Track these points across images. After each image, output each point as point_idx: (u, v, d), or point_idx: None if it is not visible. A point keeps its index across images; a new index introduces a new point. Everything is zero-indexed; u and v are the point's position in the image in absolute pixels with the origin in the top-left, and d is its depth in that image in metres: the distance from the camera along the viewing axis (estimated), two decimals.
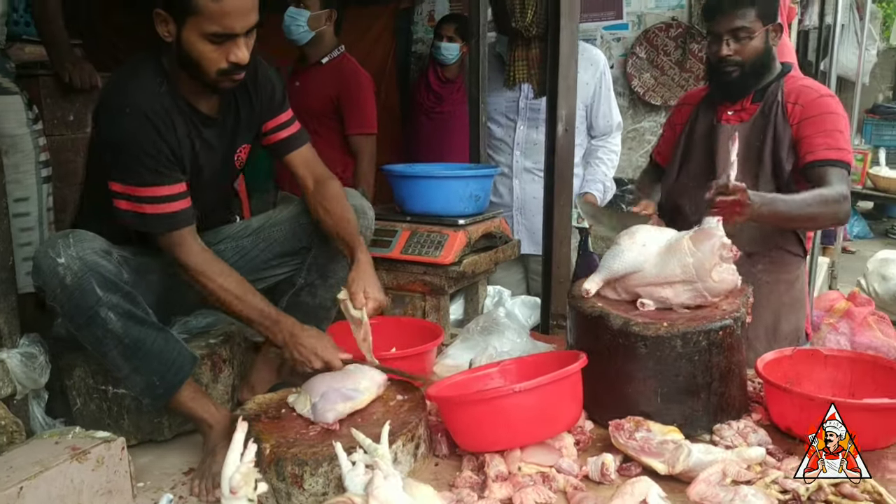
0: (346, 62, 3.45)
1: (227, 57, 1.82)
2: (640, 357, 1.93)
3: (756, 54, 2.35)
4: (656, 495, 1.52)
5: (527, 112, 3.36)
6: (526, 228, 3.44)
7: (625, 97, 4.76)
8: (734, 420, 1.97)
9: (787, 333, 2.52)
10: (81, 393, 2.08)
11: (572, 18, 2.66)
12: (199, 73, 1.85)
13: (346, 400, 1.87)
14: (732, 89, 2.42)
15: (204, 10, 1.75)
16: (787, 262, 2.50)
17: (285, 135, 2.18)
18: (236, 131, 2.09)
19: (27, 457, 1.66)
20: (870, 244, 8.21)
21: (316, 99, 3.37)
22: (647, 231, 2.15)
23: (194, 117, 1.97)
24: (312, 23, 3.31)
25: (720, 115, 2.49)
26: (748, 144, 2.39)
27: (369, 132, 3.46)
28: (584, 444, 1.91)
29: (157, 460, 2.01)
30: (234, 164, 2.15)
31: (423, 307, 2.74)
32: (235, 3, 1.77)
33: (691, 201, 2.49)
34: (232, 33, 1.80)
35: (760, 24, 2.32)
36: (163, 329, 1.94)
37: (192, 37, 1.80)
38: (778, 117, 2.37)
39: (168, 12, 1.80)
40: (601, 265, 2.15)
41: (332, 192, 2.16)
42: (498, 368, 2.09)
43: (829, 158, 2.28)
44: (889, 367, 2.07)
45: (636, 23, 4.77)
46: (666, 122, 2.75)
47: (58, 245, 1.81)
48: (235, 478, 1.23)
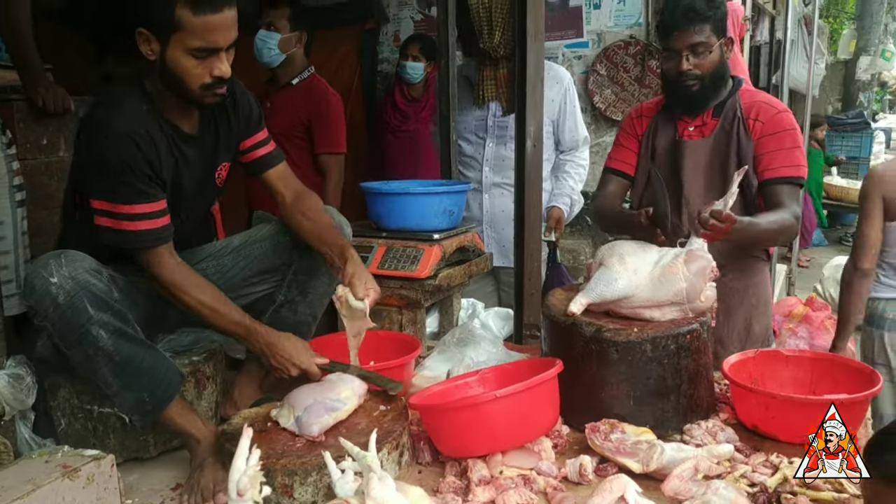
0: (316, 83, 3.51)
1: (210, 72, 1.88)
2: (612, 362, 2.02)
3: (714, 67, 2.43)
4: (633, 491, 1.59)
5: (495, 129, 3.46)
6: (496, 242, 3.52)
7: (587, 113, 4.89)
8: (703, 420, 2.06)
9: (758, 334, 2.63)
10: (66, 413, 2.10)
11: (538, 39, 2.76)
12: (184, 89, 1.90)
13: (329, 411, 1.92)
14: (694, 102, 2.48)
15: (187, 25, 1.82)
16: (754, 267, 2.60)
17: (263, 153, 2.24)
18: (216, 149, 2.14)
19: (18, 476, 1.68)
20: (825, 251, 8.48)
21: (286, 119, 3.43)
22: (635, 253, 2.15)
23: (176, 135, 2.02)
24: (283, 45, 3.38)
25: (681, 131, 2.55)
26: (712, 160, 2.48)
27: (338, 152, 3.51)
28: (562, 447, 1.98)
29: (144, 477, 2.04)
30: (215, 181, 2.19)
31: (400, 320, 2.79)
32: (218, 18, 1.84)
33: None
34: (215, 48, 1.86)
35: (715, 38, 2.40)
36: (151, 346, 1.98)
37: (175, 53, 1.86)
38: (740, 132, 2.45)
39: (151, 31, 1.86)
40: (589, 288, 2.13)
41: (312, 204, 2.23)
42: (477, 377, 2.16)
43: (787, 176, 2.40)
44: (846, 366, 2.19)
45: (596, 41, 4.91)
46: (622, 132, 2.74)
47: (50, 265, 1.84)
48: (243, 480, 1.28)
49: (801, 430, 1.91)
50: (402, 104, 4.51)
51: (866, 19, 11.67)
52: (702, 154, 2.49)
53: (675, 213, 2.49)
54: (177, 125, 2.02)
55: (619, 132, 2.77)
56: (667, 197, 2.35)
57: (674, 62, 2.43)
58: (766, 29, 7.62)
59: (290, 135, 3.43)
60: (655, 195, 2.43)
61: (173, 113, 2.01)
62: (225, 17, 1.85)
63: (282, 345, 2.03)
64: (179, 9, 1.81)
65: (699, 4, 2.37)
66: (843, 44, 11.85)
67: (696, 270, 2.07)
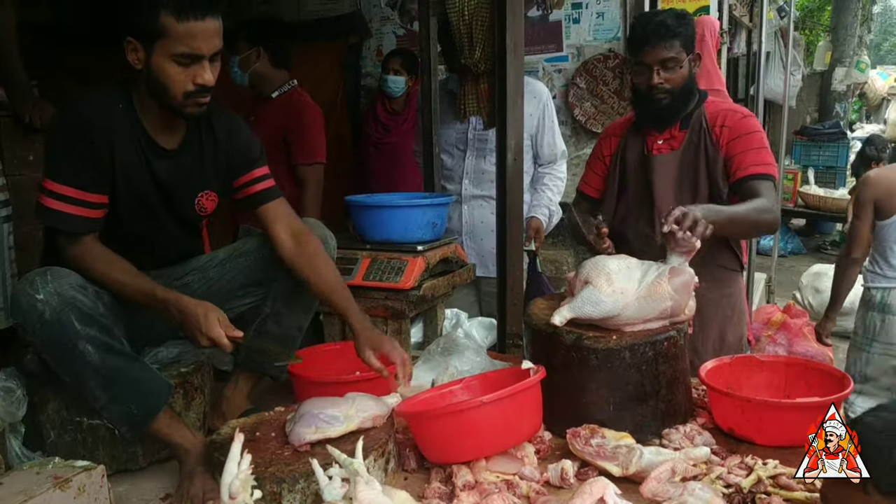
0: (295, 95, 3.57)
1: (193, 79, 1.93)
2: (592, 369, 2.07)
3: (683, 81, 2.50)
4: (612, 493, 1.64)
5: (475, 143, 3.52)
6: (476, 252, 3.58)
7: (567, 125, 4.96)
8: (681, 424, 2.12)
9: (731, 343, 2.69)
10: (56, 425, 2.12)
11: (517, 55, 2.82)
12: (167, 96, 1.95)
13: (318, 425, 1.92)
14: (664, 116, 2.55)
15: (171, 31, 1.87)
16: (726, 278, 2.66)
17: (262, 187, 2.25)
18: (198, 173, 2.16)
19: (10, 487, 1.71)
20: (804, 259, 8.58)
21: (265, 131, 3.46)
22: (621, 272, 2.13)
23: (150, 149, 2.05)
24: (243, 65, 3.47)
25: (650, 146, 2.62)
26: (683, 172, 2.55)
27: (315, 162, 3.54)
28: (544, 453, 2.03)
29: (134, 488, 2.07)
30: (194, 208, 2.20)
31: (385, 331, 2.83)
32: (201, 25, 1.89)
33: (634, 230, 2.63)
34: (199, 54, 1.91)
35: (685, 53, 2.48)
36: (138, 360, 2.01)
37: (160, 60, 1.90)
38: (707, 142, 2.52)
39: (137, 39, 1.91)
40: (576, 305, 2.11)
41: (315, 251, 2.22)
42: (462, 385, 2.20)
43: (759, 173, 2.46)
44: (819, 370, 2.25)
45: (576, 55, 4.98)
46: (592, 154, 2.84)
47: (36, 282, 1.87)
48: (234, 484, 1.32)
49: (775, 432, 1.99)
50: (383, 117, 4.56)
51: (841, 31, 11.88)
52: (672, 167, 2.56)
53: (649, 226, 2.57)
54: (153, 138, 2.05)
55: (590, 156, 2.86)
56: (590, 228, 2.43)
57: (644, 76, 2.49)
58: (743, 41, 7.76)
59: (268, 146, 3.44)
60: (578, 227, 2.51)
61: (153, 126, 2.04)
62: (208, 25, 1.90)
63: (194, 314, 1.95)
64: (163, 16, 1.86)
65: (670, 21, 2.44)
66: (818, 55, 12.05)
67: (680, 287, 2.11)
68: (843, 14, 11.92)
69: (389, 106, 4.53)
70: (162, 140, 2.07)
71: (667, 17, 2.46)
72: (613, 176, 2.69)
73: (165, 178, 2.10)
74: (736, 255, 2.69)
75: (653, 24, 2.45)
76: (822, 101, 12.27)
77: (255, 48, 3.47)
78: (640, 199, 2.62)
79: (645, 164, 2.61)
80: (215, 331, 1.94)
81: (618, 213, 2.68)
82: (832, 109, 11.81)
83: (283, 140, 3.50)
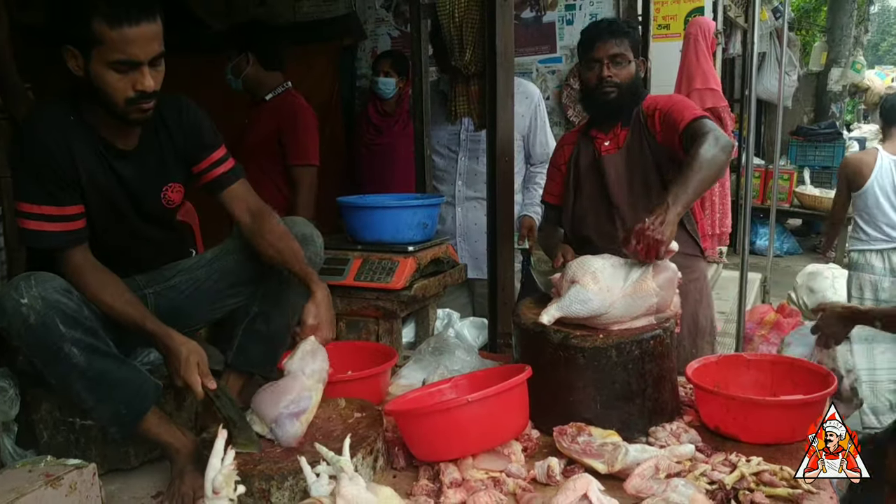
0: (288, 97, 3.59)
1: (133, 86, 1.90)
2: (579, 367, 2.09)
3: (631, 79, 2.60)
4: (596, 489, 1.66)
5: (467, 144, 3.55)
6: (469, 254, 3.60)
7: (561, 126, 4.98)
8: (668, 422, 2.14)
9: (704, 327, 2.77)
10: (49, 426, 2.14)
11: (507, 58, 2.85)
12: (109, 103, 1.93)
13: (297, 416, 1.96)
14: (610, 110, 2.62)
15: (105, 39, 1.83)
16: (689, 264, 2.68)
17: (220, 171, 2.22)
18: (160, 168, 2.15)
19: (2, 485, 1.72)
20: (799, 259, 8.60)
21: (259, 133, 3.52)
22: (605, 270, 2.15)
23: (109, 153, 2.05)
24: (235, 71, 3.51)
25: (599, 147, 2.69)
26: (631, 168, 2.61)
27: (309, 163, 3.56)
28: (531, 450, 2.05)
29: (126, 487, 2.09)
30: (161, 202, 2.19)
31: (377, 331, 2.86)
32: (135, 31, 1.84)
33: (595, 229, 2.68)
34: (135, 60, 1.87)
35: (632, 54, 2.60)
36: (125, 360, 2.02)
37: (98, 68, 1.87)
38: (646, 134, 2.60)
39: (75, 47, 1.88)
40: (563, 304, 2.14)
41: (273, 226, 2.20)
42: (450, 384, 2.23)
43: (696, 116, 2.44)
44: (805, 368, 2.27)
45: (569, 56, 5.00)
46: (549, 165, 2.90)
47: (20, 287, 1.87)
48: (218, 479, 1.34)
49: (760, 430, 2.02)
50: (375, 119, 4.57)
51: (837, 32, 11.89)
52: (620, 165, 2.63)
53: (610, 223, 2.62)
54: (111, 142, 2.05)
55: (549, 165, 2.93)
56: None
57: (594, 71, 2.59)
58: (738, 42, 7.79)
59: (262, 148, 3.51)
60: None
61: (108, 130, 2.03)
62: (143, 30, 1.86)
63: (177, 353, 1.96)
64: (96, 23, 1.82)
65: (619, 22, 2.67)
66: (814, 56, 12.06)
67: (665, 283, 2.15)
68: (838, 15, 11.94)
69: (381, 107, 4.54)
70: (119, 142, 2.06)
71: (617, 20, 2.64)
72: (569, 182, 2.76)
73: (130, 178, 2.10)
74: (695, 241, 2.76)
75: (604, 22, 2.64)
76: (817, 101, 12.29)
77: (244, 54, 3.50)
78: (596, 200, 2.68)
79: (596, 166, 2.68)
80: (192, 377, 1.95)
81: (576, 214, 2.74)
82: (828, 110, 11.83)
83: (278, 141, 3.52)
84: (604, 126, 2.69)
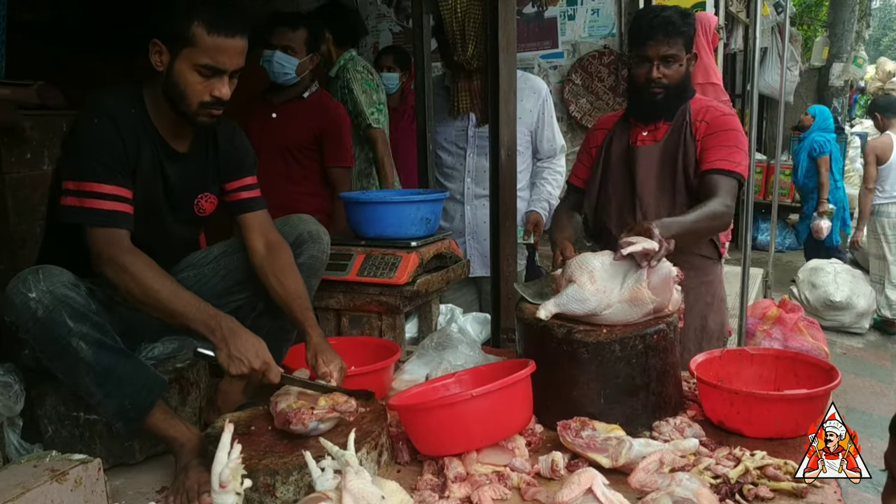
0: (325, 97, 3.58)
1: (211, 91, 1.99)
2: (582, 362, 2.09)
3: (680, 78, 2.55)
4: (600, 483, 1.66)
5: (475, 140, 3.54)
6: (478, 252, 3.60)
7: (563, 122, 4.99)
8: (672, 417, 2.14)
9: (713, 331, 2.74)
10: (53, 420, 2.14)
11: (510, 52, 2.84)
12: (183, 102, 2.00)
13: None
14: (657, 109, 2.59)
15: (200, 42, 1.93)
16: (705, 266, 2.70)
17: (247, 196, 2.31)
18: (201, 177, 2.22)
19: (8, 480, 1.73)
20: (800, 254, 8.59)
21: (297, 131, 3.48)
22: (604, 270, 2.13)
23: (161, 148, 2.10)
24: (300, 69, 3.42)
25: (635, 137, 2.66)
26: (662, 163, 2.59)
27: (347, 165, 3.59)
28: (535, 445, 2.05)
29: (131, 482, 2.09)
30: (194, 209, 2.24)
31: (380, 326, 2.86)
32: (229, 42, 1.96)
33: (616, 219, 2.67)
34: (221, 69, 1.97)
35: (685, 52, 2.53)
36: (131, 356, 2.03)
37: (182, 67, 1.97)
38: (687, 136, 2.57)
39: (164, 43, 1.96)
40: (561, 302, 2.14)
41: (284, 262, 2.24)
42: (454, 379, 2.23)
43: (723, 168, 2.47)
44: (808, 362, 2.28)
45: (571, 51, 5.01)
46: (581, 146, 2.88)
47: (28, 280, 1.89)
48: (224, 473, 1.34)
49: (763, 424, 2.02)
50: None
51: (838, 26, 11.88)
52: (653, 158, 2.60)
53: (631, 216, 2.61)
54: (166, 142, 2.10)
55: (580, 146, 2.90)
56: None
57: (644, 69, 2.53)
58: (740, 37, 7.78)
59: (300, 147, 3.49)
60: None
61: (166, 130, 2.10)
62: (236, 43, 1.97)
63: (244, 335, 1.96)
64: (196, 26, 1.92)
65: (675, 18, 2.49)
66: (816, 51, 12.05)
67: (659, 287, 2.11)
68: (840, 10, 11.92)
69: None
70: (174, 143, 2.13)
71: (672, 14, 2.50)
72: (598, 167, 2.73)
73: (175, 180, 2.15)
74: (715, 245, 2.73)
75: (659, 18, 2.49)
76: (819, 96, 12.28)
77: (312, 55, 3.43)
78: (622, 190, 2.66)
79: (628, 156, 2.65)
80: (269, 355, 1.97)
81: (599, 202, 2.73)
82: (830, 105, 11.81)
83: (317, 141, 3.51)
84: (645, 119, 2.65)
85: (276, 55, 3.36)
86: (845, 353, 6.10)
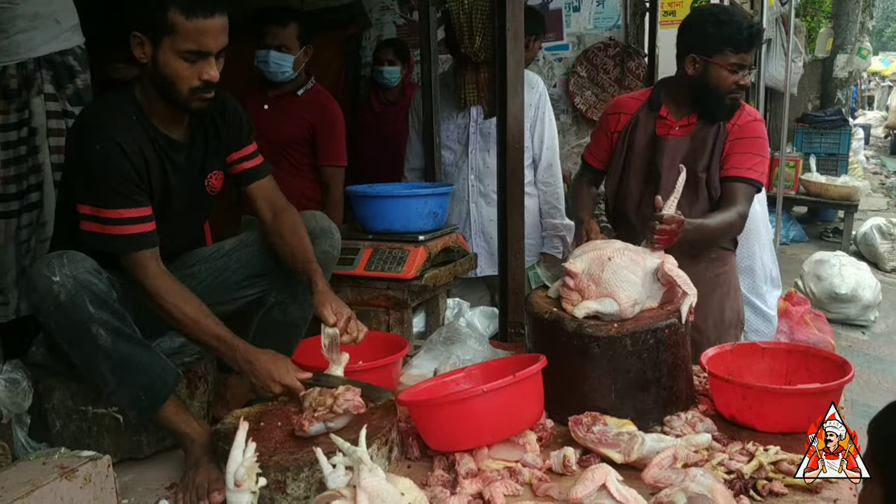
0: (320, 94, 3.53)
1: (199, 75, 1.96)
2: (593, 357, 2.08)
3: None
4: (614, 479, 1.65)
5: (478, 137, 3.51)
6: (487, 251, 3.58)
7: (568, 114, 4.96)
8: (683, 411, 2.13)
9: (730, 319, 2.77)
10: (61, 415, 2.13)
11: (517, 44, 2.81)
12: (173, 91, 1.97)
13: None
14: (731, 113, 2.61)
15: (179, 28, 1.89)
16: (723, 256, 2.74)
17: (250, 165, 2.30)
18: (205, 157, 2.20)
19: (17, 477, 1.72)
20: (805, 247, 8.56)
21: (290, 127, 3.44)
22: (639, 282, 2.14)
23: (165, 144, 2.08)
24: (296, 65, 3.39)
25: (661, 129, 2.65)
26: (689, 156, 2.58)
27: (340, 165, 3.55)
28: (547, 440, 2.04)
29: (139, 477, 2.08)
30: (205, 189, 2.24)
31: (388, 321, 2.85)
32: (209, 23, 1.92)
33: (635, 209, 2.67)
34: (206, 51, 1.94)
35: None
36: (149, 346, 2.03)
37: (166, 56, 1.93)
38: (720, 132, 2.59)
39: (144, 34, 1.93)
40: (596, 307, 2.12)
41: (289, 223, 2.25)
42: (464, 374, 2.22)
43: (748, 177, 2.55)
44: (820, 356, 2.26)
45: (576, 43, 4.98)
46: (598, 127, 2.88)
47: (53, 264, 1.89)
48: (240, 472, 1.33)
49: (776, 419, 2.00)
50: (378, 108, 4.55)
51: (843, 18, 11.83)
52: (680, 150, 2.60)
53: (650, 207, 2.58)
54: (166, 133, 2.08)
55: (596, 127, 2.91)
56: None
57: (735, 77, 2.52)
58: None
59: (292, 143, 3.46)
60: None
61: (163, 121, 2.07)
62: (216, 22, 1.93)
63: (261, 362, 2.00)
64: (172, 13, 1.88)
65: (757, 31, 2.55)
66: (820, 42, 11.99)
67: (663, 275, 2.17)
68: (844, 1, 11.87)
69: (384, 97, 4.52)
70: (173, 133, 2.10)
71: (754, 23, 2.56)
72: (620, 153, 2.73)
73: (182, 168, 2.14)
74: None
75: (751, 30, 2.51)
76: (823, 88, 12.23)
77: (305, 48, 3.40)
78: (644, 180, 2.67)
79: (654, 146, 2.65)
80: (289, 378, 2.00)
81: (620, 191, 2.74)
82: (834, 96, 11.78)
83: (309, 138, 3.48)
84: (681, 111, 2.65)
85: (270, 55, 3.33)
86: (850, 345, 6.08)
